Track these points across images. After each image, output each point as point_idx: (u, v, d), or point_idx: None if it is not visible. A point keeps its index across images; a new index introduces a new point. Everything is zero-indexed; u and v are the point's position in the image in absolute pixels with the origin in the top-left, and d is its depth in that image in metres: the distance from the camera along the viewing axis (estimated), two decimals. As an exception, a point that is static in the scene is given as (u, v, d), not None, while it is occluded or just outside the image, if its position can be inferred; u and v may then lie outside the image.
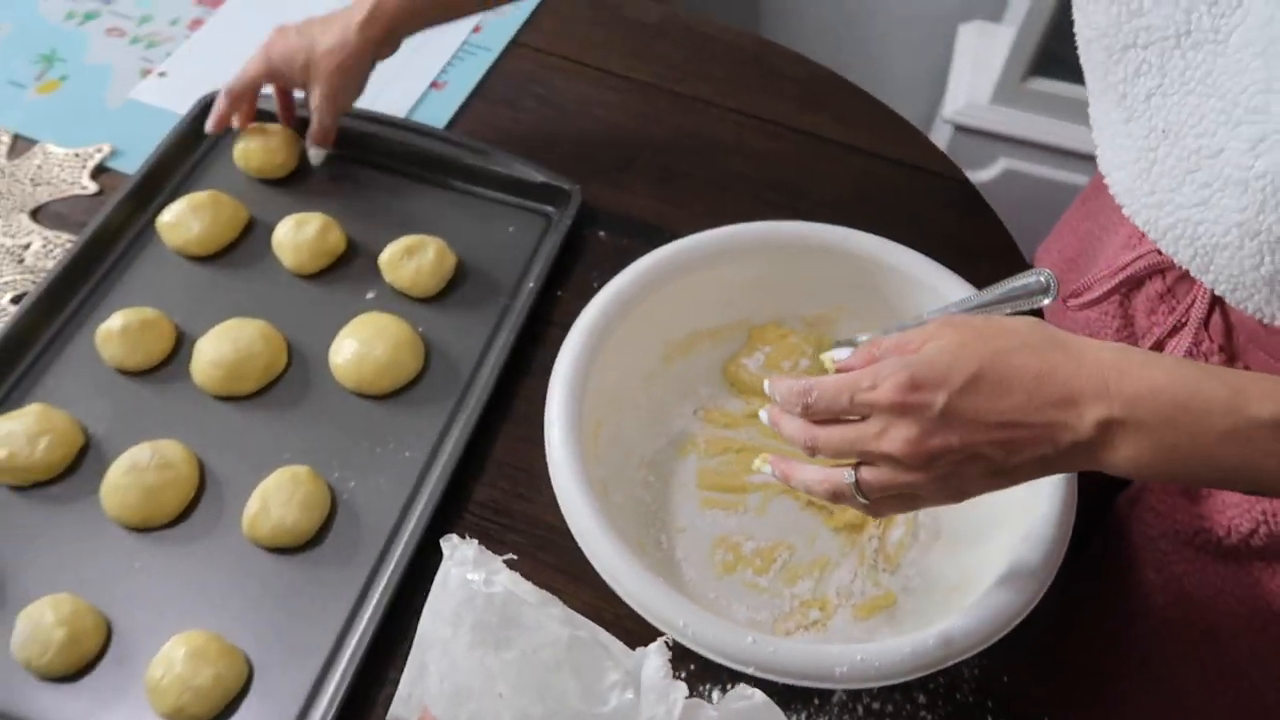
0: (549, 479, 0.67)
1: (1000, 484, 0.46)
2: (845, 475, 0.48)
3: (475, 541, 0.44)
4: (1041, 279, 0.55)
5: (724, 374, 0.73)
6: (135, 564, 0.62)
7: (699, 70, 0.94)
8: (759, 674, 0.51)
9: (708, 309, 0.71)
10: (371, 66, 0.77)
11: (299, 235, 0.75)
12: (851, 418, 0.47)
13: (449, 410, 0.70)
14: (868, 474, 0.47)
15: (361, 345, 0.70)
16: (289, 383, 0.71)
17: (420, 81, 0.91)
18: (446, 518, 0.65)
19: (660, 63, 0.94)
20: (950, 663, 0.52)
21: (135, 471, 0.63)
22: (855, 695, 0.59)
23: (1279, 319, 0.47)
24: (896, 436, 0.44)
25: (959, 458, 0.44)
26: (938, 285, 0.66)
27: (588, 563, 0.64)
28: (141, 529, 0.64)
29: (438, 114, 0.89)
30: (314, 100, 0.77)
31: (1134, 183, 0.52)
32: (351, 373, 0.70)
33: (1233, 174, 0.44)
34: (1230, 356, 0.56)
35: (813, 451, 0.48)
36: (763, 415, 0.52)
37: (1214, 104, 0.45)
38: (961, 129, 1.48)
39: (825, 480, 0.49)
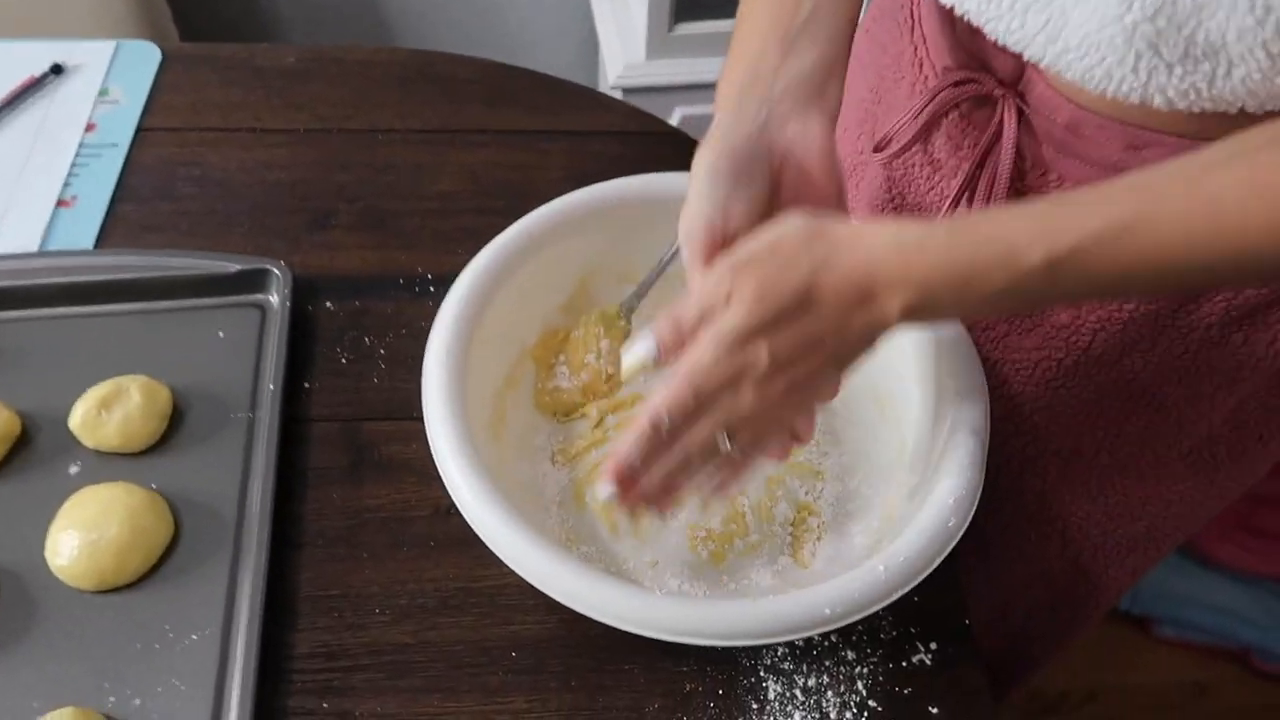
0: (374, 594, 0.57)
1: (832, 365, 0.47)
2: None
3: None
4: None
5: (540, 409, 0.65)
6: None
7: (365, 100, 0.85)
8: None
9: (494, 358, 0.63)
10: None
11: (-50, 432, 0.59)
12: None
13: (226, 565, 0.57)
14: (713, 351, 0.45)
15: (86, 532, 0.56)
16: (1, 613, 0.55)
17: (41, 205, 0.75)
18: (274, 694, 0.53)
19: (321, 104, 0.84)
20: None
21: None
22: (789, 678, 0.55)
23: (1121, 87, 0.45)
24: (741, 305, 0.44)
25: (800, 339, 0.45)
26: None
27: (461, 675, 0.55)
28: None
29: (77, 234, 0.73)
30: None
31: None
32: (84, 569, 0.55)
33: None
34: (1043, 171, 0.55)
35: (695, 388, 0.45)
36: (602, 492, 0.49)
37: None
38: (629, 90, 1.47)
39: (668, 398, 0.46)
